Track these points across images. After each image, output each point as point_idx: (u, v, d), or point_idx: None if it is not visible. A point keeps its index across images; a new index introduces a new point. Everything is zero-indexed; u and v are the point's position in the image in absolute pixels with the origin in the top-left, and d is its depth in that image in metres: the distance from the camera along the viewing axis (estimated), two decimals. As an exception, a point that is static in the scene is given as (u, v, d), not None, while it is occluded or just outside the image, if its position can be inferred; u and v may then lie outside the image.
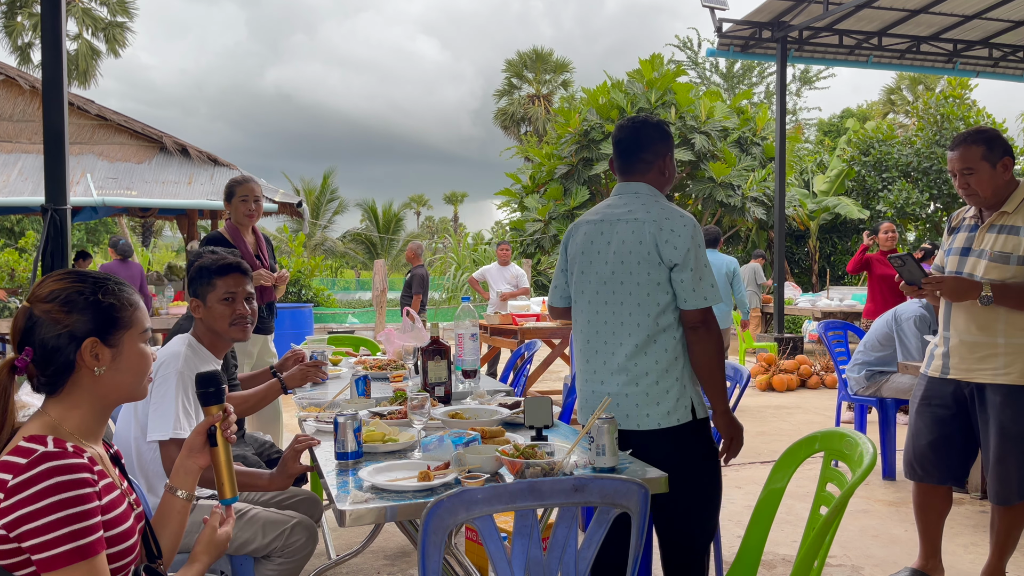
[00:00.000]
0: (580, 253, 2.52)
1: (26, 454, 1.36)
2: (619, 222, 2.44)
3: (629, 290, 2.40)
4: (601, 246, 2.46)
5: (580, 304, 2.53)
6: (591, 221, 2.52)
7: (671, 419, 2.36)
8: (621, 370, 2.41)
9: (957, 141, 2.96)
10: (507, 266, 9.19)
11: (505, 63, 35.10)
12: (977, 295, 2.85)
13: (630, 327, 2.40)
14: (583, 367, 2.52)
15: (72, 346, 1.46)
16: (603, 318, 2.45)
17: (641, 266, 2.37)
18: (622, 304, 2.41)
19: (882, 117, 25.90)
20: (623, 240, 2.42)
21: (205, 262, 2.57)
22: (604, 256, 2.45)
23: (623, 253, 2.41)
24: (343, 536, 3.83)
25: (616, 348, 2.42)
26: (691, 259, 2.33)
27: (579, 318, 2.54)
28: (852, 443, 1.96)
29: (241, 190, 4.17)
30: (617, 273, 2.42)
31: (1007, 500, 2.95)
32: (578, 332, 2.56)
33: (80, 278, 1.51)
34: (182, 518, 1.69)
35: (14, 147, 10.30)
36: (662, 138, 2.52)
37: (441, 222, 49.35)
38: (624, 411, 2.40)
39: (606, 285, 2.44)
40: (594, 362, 2.47)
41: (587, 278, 2.49)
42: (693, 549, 2.40)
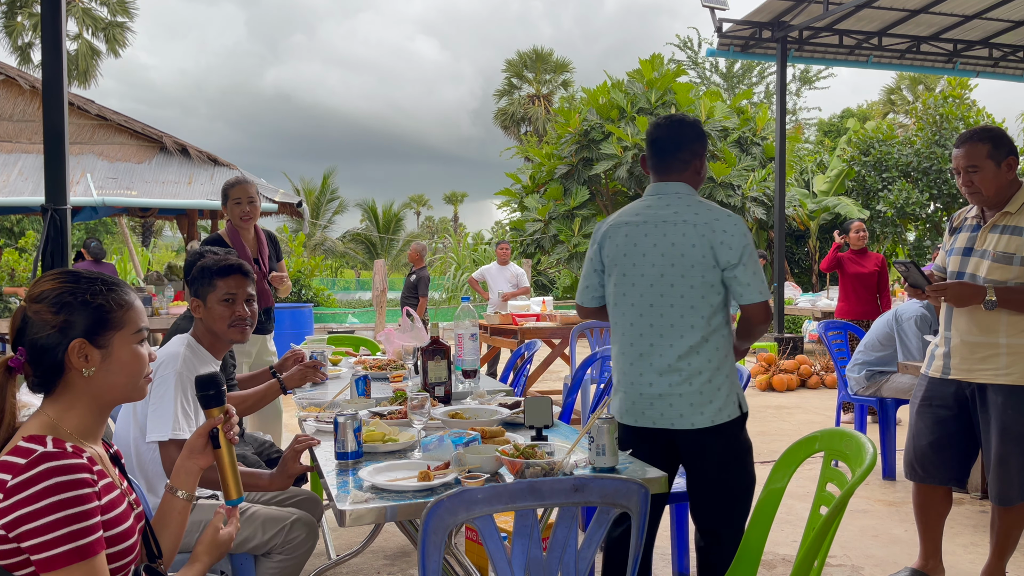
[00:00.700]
0: (622, 255, 2.49)
1: (25, 454, 1.36)
2: (665, 224, 2.43)
3: (681, 292, 2.41)
4: (647, 248, 2.44)
5: (622, 307, 2.51)
6: (632, 222, 2.49)
7: (723, 415, 2.43)
8: (672, 371, 2.42)
9: (963, 138, 2.96)
10: (507, 266, 9.19)
11: (505, 63, 35.13)
12: (981, 300, 2.85)
13: (682, 329, 2.41)
14: (627, 369, 2.50)
15: (61, 347, 1.45)
16: (649, 320, 2.44)
17: (695, 269, 2.40)
18: (672, 307, 2.42)
19: (882, 117, 25.90)
20: (672, 243, 2.41)
21: (207, 262, 2.57)
22: (651, 259, 2.44)
23: (673, 256, 2.41)
24: (343, 536, 3.83)
25: (665, 350, 2.43)
26: (746, 256, 2.42)
27: (621, 320, 2.52)
28: (852, 443, 1.96)
29: (234, 192, 4.14)
30: (667, 276, 2.42)
31: (1008, 501, 2.94)
32: (620, 335, 2.53)
33: (71, 278, 1.50)
34: (183, 518, 1.69)
35: (14, 147, 10.30)
36: (698, 137, 2.54)
37: (441, 222, 49.35)
38: (677, 411, 2.41)
39: (653, 288, 2.43)
40: (640, 365, 2.46)
41: (630, 280, 2.47)
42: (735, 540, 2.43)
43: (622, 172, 14.01)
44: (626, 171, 13.99)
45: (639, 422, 2.47)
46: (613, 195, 16.07)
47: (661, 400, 2.42)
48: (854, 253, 6.96)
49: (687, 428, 2.41)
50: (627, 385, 2.50)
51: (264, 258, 4.22)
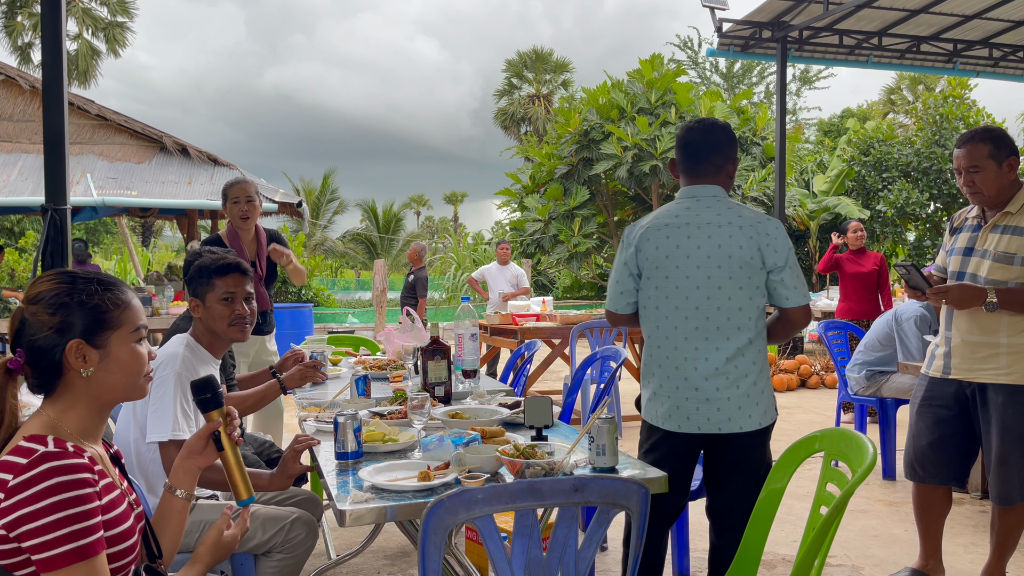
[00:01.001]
0: (664, 258, 2.45)
1: (26, 454, 1.36)
2: (709, 226, 2.43)
3: (728, 295, 2.40)
4: (690, 250, 2.42)
5: (664, 310, 2.47)
6: (672, 224, 2.46)
7: (767, 418, 2.47)
8: (719, 374, 2.41)
9: (964, 139, 2.96)
10: (507, 266, 9.19)
11: (505, 63, 35.14)
12: (982, 302, 2.85)
13: (728, 331, 2.41)
14: (671, 373, 2.46)
15: (58, 348, 1.45)
16: (695, 323, 2.42)
17: (743, 271, 2.40)
18: (719, 309, 2.41)
19: (882, 117, 25.90)
20: (719, 244, 2.40)
21: (205, 262, 2.57)
22: (695, 261, 2.42)
23: (720, 258, 2.40)
24: (343, 536, 3.83)
25: (711, 353, 2.41)
26: (791, 259, 2.45)
27: (663, 324, 2.47)
28: (852, 443, 1.96)
29: (232, 192, 4.13)
30: (714, 278, 2.40)
31: (1009, 500, 2.95)
32: (661, 339, 2.48)
33: (67, 279, 1.50)
34: (182, 517, 1.69)
35: (14, 147, 10.29)
36: (731, 141, 2.54)
37: (441, 222, 49.34)
38: (725, 415, 2.41)
39: (699, 290, 2.41)
40: (685, 368, 2.43)
41: (674, 283, 2.44)
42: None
43: (622, 172, 14.00)
44: (626, 171, 13.98)
45: (683, 427, 2.45)
46: (613, 195, 16.07)
47: (708, 405, 2.41)
48: (852, 253, 6.97)
49: (734, 432, 2.41)
50: (671, 389, 2.46)
51: (262, 260, 4.21)
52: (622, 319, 2.61)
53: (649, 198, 15.58)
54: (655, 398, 2.51)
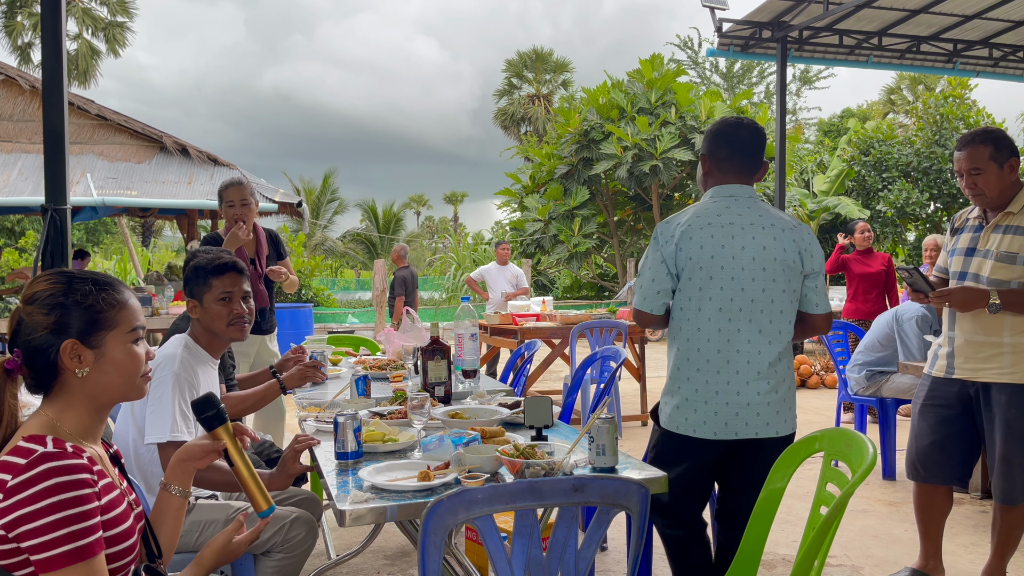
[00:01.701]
0: (709, 257, 2.36)
1: (25, 454, 1.36)
2: (753, 227, 2.38)
3: (772, 297, 2.37)
4: (735, 251, 2.36)
5: (707, 311, 2.37)
6: (714, 224, 2.38)
7: (795, 423, 2.47)
8: (761, 378, 2.37)
9: (964, 141, 2.97)
10: (506, 266, 9.20)
11: (505, 63, 35.14)
12: (985, 304, 2.86)
13: (771, 334, 2.38)
14: (712, 378, 2.37)
15: (53, 348, 1.45)
16: (737, 326, 2.36)
17: (786, 273, 2.39)
18: (762, 312, 2.37)
19: (882, 117, 25.90)
20: (764, 246, 2.37)
21: (200, 262, 2.56)
22: (740, 262, 2.36)
23: (765, 260, 2.36)
24: (343, 536, 3.83)
25: (753, 356, 2.36)
26: (823, 265, 2.46)
27: (705, 326, 2.38)
28: (852, 443, 1.96)
29: (227, 194, 4.10)
30: (758, 280, 2.36)
31: (1012, 500, 2.95)
32: (702, 341, 2.39)
33: (63, 279, 1.50)
34: (179, 516, 1.69)
35: (14, 147, 10.29)
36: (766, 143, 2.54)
37: (441, 222, 49.35)
38: (764, 419, 2.38)
39: (744, 292, 2.36)
40: (726, 372, 2.37)
41: (718, 284, 2.36)
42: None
43: (622, 172, 14.01)
44: (626, 171, 13.98)
45: (719, 434, 2.37)
46: (613, 195, 16.07)
47: (748, 409, 2.36)
48: (860, 253, 6.98)
49: (771, 436, 2.39)
50: (711, 394, 2.37)
51: (262, 258, 4.19)
52: (653, 320, 2.48)
53: (649, 198, 15.58)
54: (686, 405, 2.41)
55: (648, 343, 7.57)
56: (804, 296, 2.46)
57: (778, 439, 2.41)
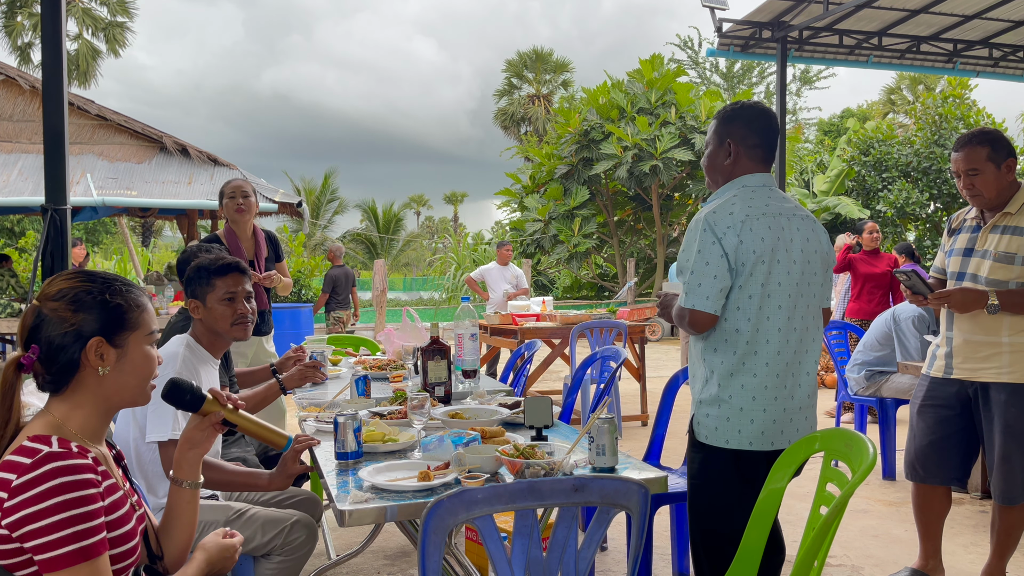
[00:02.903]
0: (770, 250, 2.18)
1: (30, 454, 1.36)
2: (795, 218, 2.27)
3: (813, 292, 2.28)
4: (787, 243, 2.22)
5: (767, 309, 2.19)
6: (768, 214, 2.22)
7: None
8: (810, 380, 2.28)
9: (962, 142, 2.97)
10: (507, 266, 9.20)
11: (505, 63, 35.14)
12: (984, 305, 2.86)
13: (814, 332, 2.29)
14: (772, 383, 2.20)
15: (77, 345, 1.46)
16: (794, 324, 2.22)
17: (822, 266, 2.31)
18: (808, 308, 2.26)
19: (882, 117, 25.90)
20: (806, 238, 2.26)
21: (203, 262, 2.57)
22: (793, 255, 2.23)
23: (808, 253, 2.26)
24: (343, 536, 3.83)
25: (803, 357, 2.26)
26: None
27: (764, 326, 2.20)
28: (852, 443, 1.96)
29: (228, 189, 4.16)
30: (805, 275, 2.25)
31: (1012, 500, 2.95)
32: (760, 343, 2.20)
33: (89, 277, 1.51)
34: (193, 508, 1.72)
35: (14, 147, 10.29)
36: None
37: (441, 222, 49.37)
38: (810, 423, 2.30)
39: (797, 287, 2.23)
40: (784, 376, 2.22)
41: (776, 279, 2.20)
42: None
43: (622, 172, 14.01)
44: (626, 171, 13.98)
45: (776, 444, 2.21)
46: (613, 195, 16.07)
47: (800, 414, 2.25)
48: (866, 254, 6.98)
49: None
50: (768, 401, 2.19)
51: (261, 260, 4.21)
52: (713, 321, 2.21)
53: (649, 198, 15.58)
54: (740, 415, 2.20)
55: (648, 343, 7.57)
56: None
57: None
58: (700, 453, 2.30)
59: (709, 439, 2.26)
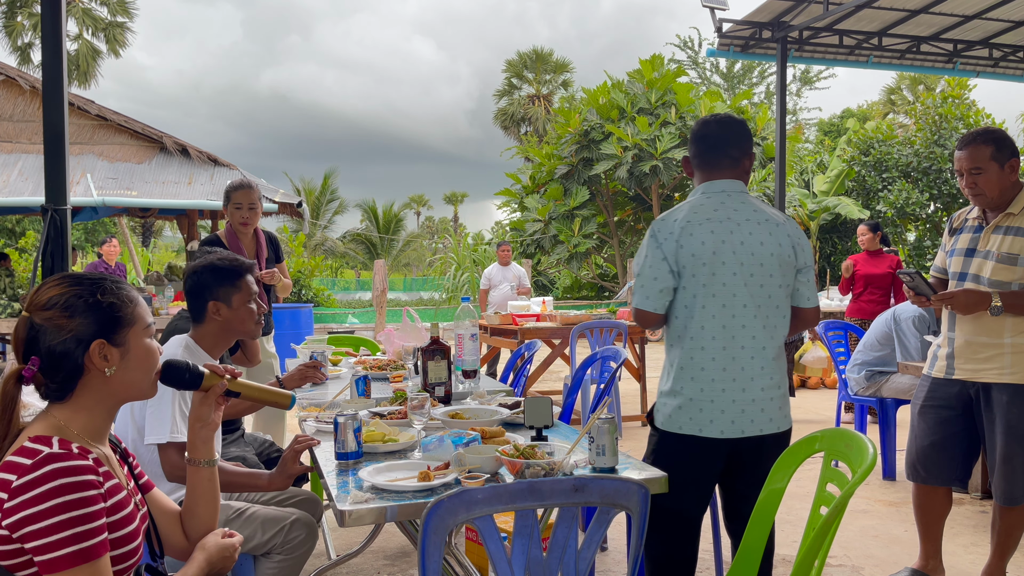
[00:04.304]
0: (711, 253, 2.35)
1: (31, 455, 1.36)
2: (749, 222, 2.39)
3: (769, 293, 2.39)
4: (735, 246, 2.36)
5: (711, 308, 2.36)
6: (714, 219, 2.38)
7: (791, 418, 2.49)
8: (764, 374, 2.39)
9: (966, 141, 2.97)
10: (508, 266, 9.20)
11: (505, 63, 35.15)
12: (987, 306, 2.86)
13: (771, 330, 2.40)
14: (717, 376, 2.36)
15: (80, 349, 1.45)
16: (740, 322, 2.37)
17: (782, 268, 2.40)
18: (760, 307, 2.38)
19: (882, 117, 25.90)
20: (761, 241, 2.38)
21: (225, 264, 2.59)
22: (740, 257, 2.36)
23: (763, 255, 2.37)
24: (343, 536, 3.83)
25: (757, 352, 2.38)
26: (812, 259, 2.48)
27: (709, 323, 2.37)
28: (852, 443, 1.96)
29: (236, 196, 4.11)
30: (756, 275, 2.37)
31: (1013, 500, 2.95)
32: (706, 339, 2.37)
33: (76, 281, 1.50)
34: (213, 485, 1.75)
35: (14, 147, 10.29)
36: (748, 136, 2.52)
37: (441, 222, 49.38)
38: (768, 416, 2.39)
39: (745, 288, 2.36)
40: (732, 369, 2.37)
41: (720, 280, 2.36)
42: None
43: (622, 172, 14.01)
44: (626, 171, 13.98)
45: (726, 433, 2.36)
46: (613, 195, 16.06)
47: (753, 406, 2.37)
48: (869, 254, 6.98)
49: (774, 432, 2.41)
50: (717, 392, 2.36)
51: (261, 261, 4.22)
52: (656, 319, 2.46)
53: (649, 198, 15.58)
54: (691, 405, 2.38)
55: (648, 343, 7.57)
56: (796, 290, 2.48)
57: (779, 435, 2.43)
58: (655, 435, 2.51)
59: (663, 425, 2.45)
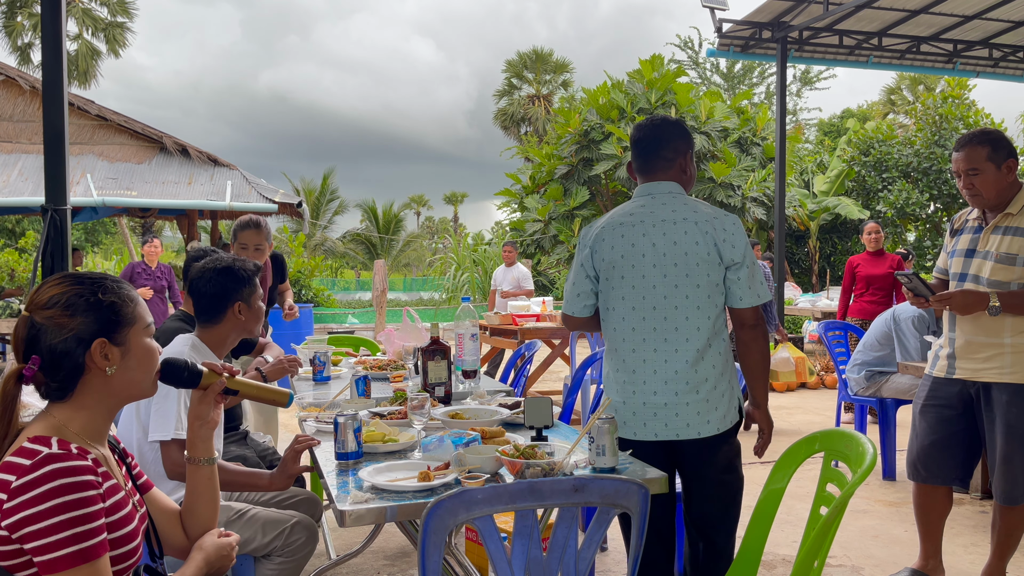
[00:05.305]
0: (619, 257, 2.38)
1: (30, 455, 1.36)
2: (664, 223, 2.37)
3: (686, 293, 2.33)
4: (645, 249, 2.36)
5: (621, 311, 2.39)
6: (626, 223, 2.40)
7: (727, 422, 2.38)
8: (678, 378, 2.33)
9: (962, 142, 2.97)
10: (513, 267, 9.19)
11: (505, 63, 35.16)
12: (985, 307, 2.86)
13: (687, 332, 2.34)
14: (628, 378, 2.38)
15: (80, 349, 1.45)
16: (652, 324, 2.35)
17: (700, 268, 2.34)
18: (676, 308, 2.34)
19: (882, 117, 25.90)
20: (675, 241, 2.34)
21: (248, 267, 2.63)
22: (651, 259, 2.35)
23: (676, 255, 2.34)
24: (343, 536, 3.83)
25: (670, 355, 2.34)
26: (747, 256, 2.38)
27: (619, 326, 2.40)
28: (852, 443, 1.96)
29: (242, 236, 4.03)
30: (670, 276, 2.34)
31: (1014, 500, 2.95)
32: (618, 341, 2.40)
33: (77, 280, 1.51)
34: (213, 483, 1.75)
35: (14, 147, 10.30)
36: (681, 136, 2.49)
37: (441, 222, 49.38)
38: (684, 420, 2.33)
39: (656, 289, 2.34)
40: (642, 372, 2.36)
41: (629, 283, 2.37)
42: (730, 544, 2.44)
43: (622, 172, 14.00)
44: (626, 171, 13.97)
45: (639, 435, 2.37)
46: (613, 195, 16.07)
47: (666, 410, 2.33)
48: (870, 254, 6.98)
49: (692, 438, 2.34)
50: (628, 395, 2.38)
51: (266, 286, 4.26)
52: (579, 323, 2.54)
53: (649, 198, 15.56)
54: (612, 406, 2.41)
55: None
56: (728, 289, 2.38)
57: (699, 441, 2.35)
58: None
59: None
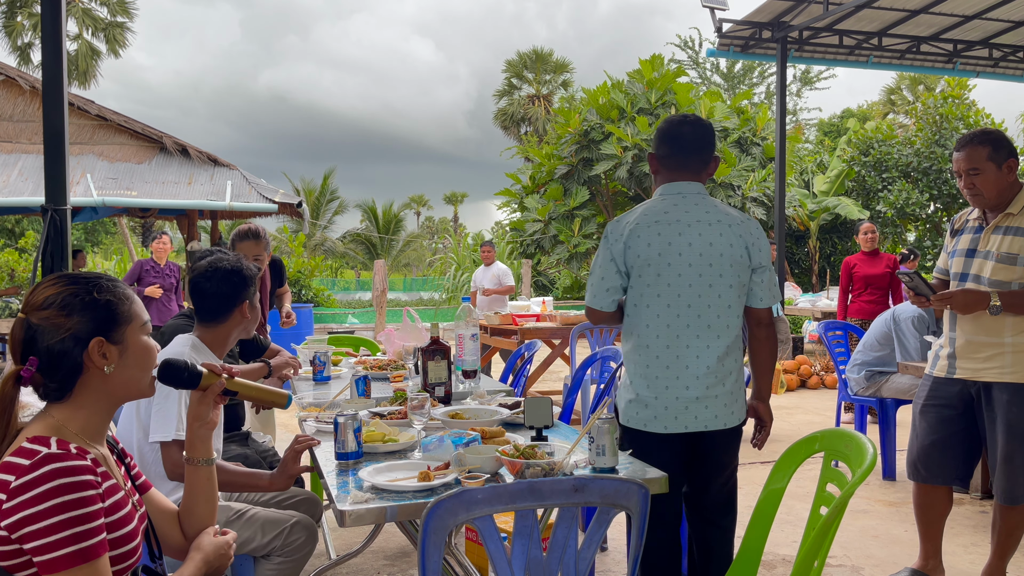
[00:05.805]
0: (656, 255, 2.41)
1: (29, 455, 1.36)
2: (699, 223, 2.43)
3: (719, 292, 2.42)
4: (682, 247, 2.41)
5: (656, 308, 2.43)
6: (662, 221, 2.43)
7: (743, 413, 2.52)
8: (709, 373, 2.42)
9: (963, 142, 2.97)
10: (491, 266, 9.20)
11: (505, 63, 35.17)
12: (986, 306, 2.86)
13: (719, 329, 2.43)
14: (661, 373, 2.43)
15: (78, 348, 1.45)
16: (685, 321, 2.41)
17: (733, 268, 2.43)
18: (709, 307, 2.42)
19: (882, 117, 25.90)
20: (710, 242, 2.41)
21: (252, 267, 2.64)
22: (687, 258, 2.41)
23: (712, 255, 2.41)
24: (343, 536, 3.83)
25: (702, 351, 2.42)
26: (769, 260, 2.50)
27: (653, 323, 2.44)
28: (852, 443, 1.96)
29: (241, 247, 3.95)
30: (705, 276, 2.41)
31: (1014, 499, 2.95)
32: (651, 338, 2.44)
33: (72, 280, 1.51)
34: (211, 484, 1.75)
35: (14, 147, 10.29)
36: (715, 140, 2.57)
37: (441, 222, 49.39)
38: (712, 412, 2.43)
39: (691, 288, 2.41)
40: (675, 367, 2.42)
41: (665, 280, 2.41)
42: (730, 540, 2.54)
43: (622, 172, 14.01)
44: (626, 171, 13.98)
45: (670, 428, 2.42)
46: (613, 195, 16.06)
47: (697, 403, 2.41)
48: (865, 254, 6.98)
49: (720, 429, 2.44)
50: (660, 389, 2.43)
51: (265, 294, 4.27)
52: (604, 316, 2.55)
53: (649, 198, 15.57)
54: (637, 400, 2.46)
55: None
56: (750, 290, 2.50)
57: (725, 431, 2.48)
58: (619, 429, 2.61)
59: (621, 419, 2.53)
